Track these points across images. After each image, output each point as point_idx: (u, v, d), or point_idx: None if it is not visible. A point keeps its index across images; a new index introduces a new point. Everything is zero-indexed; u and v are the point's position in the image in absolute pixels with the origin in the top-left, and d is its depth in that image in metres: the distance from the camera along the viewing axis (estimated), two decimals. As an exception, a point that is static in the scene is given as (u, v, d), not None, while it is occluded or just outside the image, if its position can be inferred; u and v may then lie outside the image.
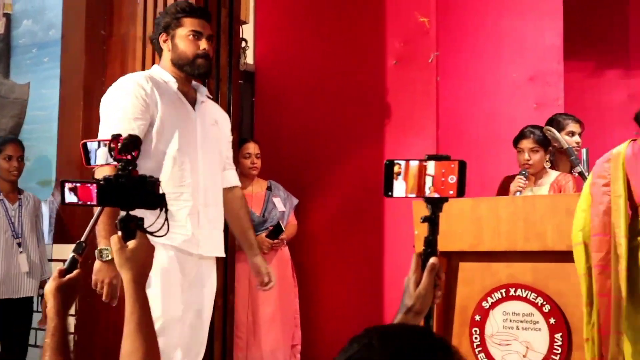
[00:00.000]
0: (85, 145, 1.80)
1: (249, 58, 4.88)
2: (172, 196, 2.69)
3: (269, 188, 4.41)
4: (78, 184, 1.70)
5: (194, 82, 2.94)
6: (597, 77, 5.37)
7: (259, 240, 4.20)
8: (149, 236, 1.67)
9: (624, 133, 5.24)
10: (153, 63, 3.95)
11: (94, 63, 4.28)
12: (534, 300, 2.64)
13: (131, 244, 1.63)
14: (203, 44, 2.81)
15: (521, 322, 2.67)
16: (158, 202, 1.67)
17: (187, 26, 2.80)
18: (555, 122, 3.83)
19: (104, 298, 2.61)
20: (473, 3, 4.65)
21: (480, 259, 2.80)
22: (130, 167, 1.67)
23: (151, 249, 1.67)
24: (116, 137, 1.70)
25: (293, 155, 4.72)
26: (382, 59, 4.35)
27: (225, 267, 3.67)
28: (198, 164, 2.79)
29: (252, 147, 4.35)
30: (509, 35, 4.62)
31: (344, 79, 4.54)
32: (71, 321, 4.05)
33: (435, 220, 1.54)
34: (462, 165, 1.48)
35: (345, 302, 4.38)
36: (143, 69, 3.97)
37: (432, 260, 1.51)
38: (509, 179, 3.76)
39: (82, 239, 1.78)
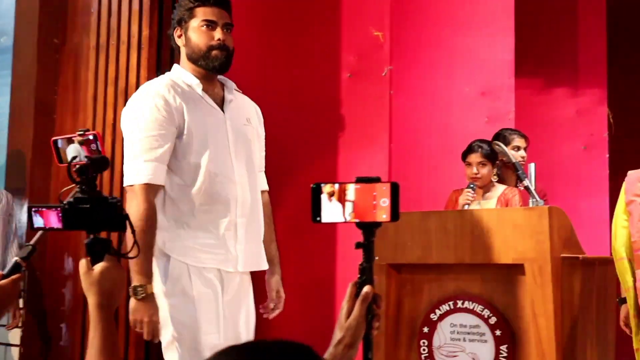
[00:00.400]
0: (55, 142, 1.77)
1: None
2: (206, 214, 2.52)
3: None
4: (43, 209, 1.68)
5: (220, 77, 2.70)
6: (547, 93, 5.49)
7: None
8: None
9: (572, 148, 5.38)
10: (106, 73, 3.93)
11: (46, 72, 4.24)
12: (480, 312, 2.68)
13: (97, 267, 1.59)
14: (218, 34, 2.57)
15: (468, 333, 2.71)
16: (122, 223, 1.65)
17: (200, 16, 2.57)
18: (501, 136, 3.91)
19: (145, 337, 2.45)
20: (427, 18, 4.72)
21: (429, 271, 2.84)
22: (89, 189, 1.64)
23: (120, 272, 1.62)
24: (84, 132, 1.70)
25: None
26: (337, 71, 4.38)
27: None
28: (234, 173, 2.58)
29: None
30: (461, 50, 4.70)
31: (298, 91, 4.56)
32: (17, 333, 3.99)
33: (369, 246, 1.44)
34: (395, 188, 1.39)
35: (296, 313, 4.38)
36: (96, 79, 3.94)
37: (366, 289, 1.42)
38: (457, 192, 3.83)
39: (31, 242, 1.74)
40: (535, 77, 5.43)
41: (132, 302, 2.41)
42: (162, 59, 3.76)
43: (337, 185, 1.41)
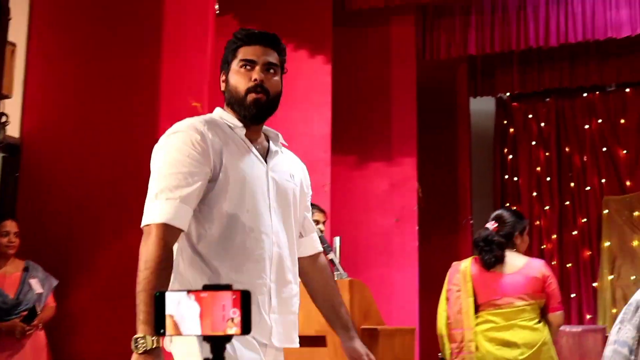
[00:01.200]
0: None
1: (16, 131, 4.69)
2: (237, 274, 2.12)
3: (25, 269, 4.21)
4: None
5: (265, 127, 2.33)
6: (362, 167, 5.75)
7: (12, 325, 3.97)
8: None
9: (385, 220, 5.64)
10: None
11: None
12: (284, 384, 2.70)
13: None
14: (255, 74, 2.21)
15: (272, 407, 2.71)
16: None
17: (240, 56, 2.24)
18: (302, 210, 4.01)
19: None
20: (246, 90, 4.82)
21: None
22: None
23: None
24: None
25: (58, 233, 4.54)
26: (154, 141, 4.34)
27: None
28: (271, 231, 2.22)
29: (9, 225, 4.21)
30: (279, 122, 4.80)
31: (115, 157, 4.49)
32: None
33: None
34: (246, 297, 1.27)
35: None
36: None
37: None
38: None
39: None
40: (351, 151, 5.67)
41: (134, 357, 1.97)
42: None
43: (185, 294, 1.27)
